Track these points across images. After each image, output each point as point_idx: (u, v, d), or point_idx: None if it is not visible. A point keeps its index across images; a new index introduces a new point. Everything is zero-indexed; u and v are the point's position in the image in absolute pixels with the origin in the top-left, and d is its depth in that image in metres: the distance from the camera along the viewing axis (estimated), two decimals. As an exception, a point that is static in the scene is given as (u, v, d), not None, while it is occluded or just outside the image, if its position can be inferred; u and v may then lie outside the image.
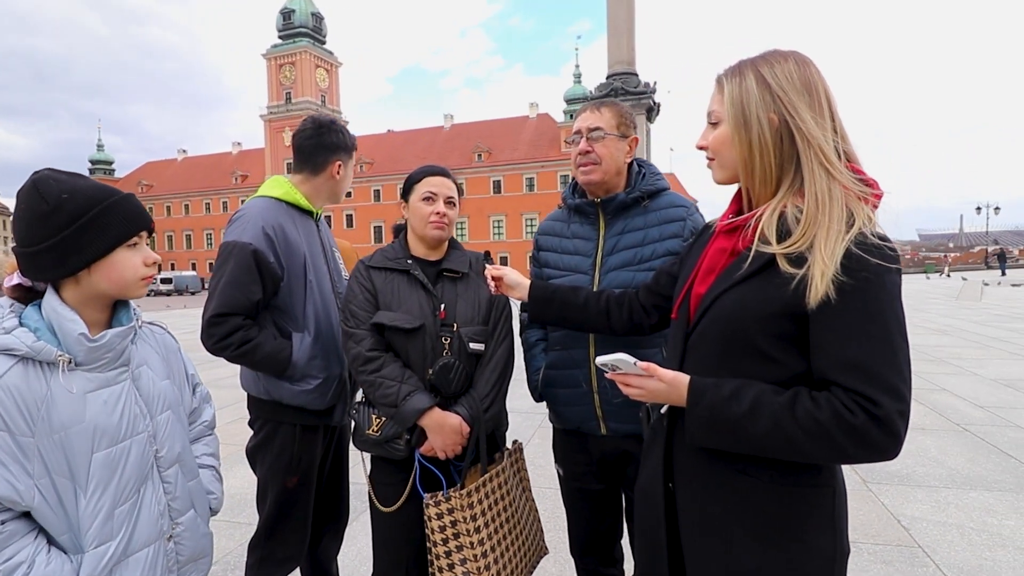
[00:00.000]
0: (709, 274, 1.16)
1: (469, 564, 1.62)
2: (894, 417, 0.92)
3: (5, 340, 1.06)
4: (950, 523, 3.13)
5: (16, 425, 1.04)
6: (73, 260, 1.11)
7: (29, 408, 1.05)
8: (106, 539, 1.13)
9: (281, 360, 1.84)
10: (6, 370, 1.05)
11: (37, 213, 1.10)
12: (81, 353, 1.12)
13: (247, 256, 1.79)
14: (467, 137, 70.11)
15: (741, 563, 1.06)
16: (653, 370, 1.10)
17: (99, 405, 1.14)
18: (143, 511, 1.20)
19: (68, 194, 1.11)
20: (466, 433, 1.70)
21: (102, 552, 1.12)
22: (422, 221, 1.78)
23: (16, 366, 1.06)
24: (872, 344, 0.94)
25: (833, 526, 1.06)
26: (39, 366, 1.09)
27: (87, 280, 1.15)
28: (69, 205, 1.10)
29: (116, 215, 1.15)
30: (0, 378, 1.04)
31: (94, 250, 1.13)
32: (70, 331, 1.11)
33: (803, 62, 1.08)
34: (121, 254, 1.16)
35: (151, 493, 1.22)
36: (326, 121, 2.04)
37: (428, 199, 1.78)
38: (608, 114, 1.75)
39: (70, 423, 1.09)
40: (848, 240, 0.96)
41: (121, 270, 1.16)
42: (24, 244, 1.11)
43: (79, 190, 1.13)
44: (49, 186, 1.11)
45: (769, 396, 1.00)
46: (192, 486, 1.34)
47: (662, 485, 1.21)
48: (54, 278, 1.14)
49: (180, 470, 1.30)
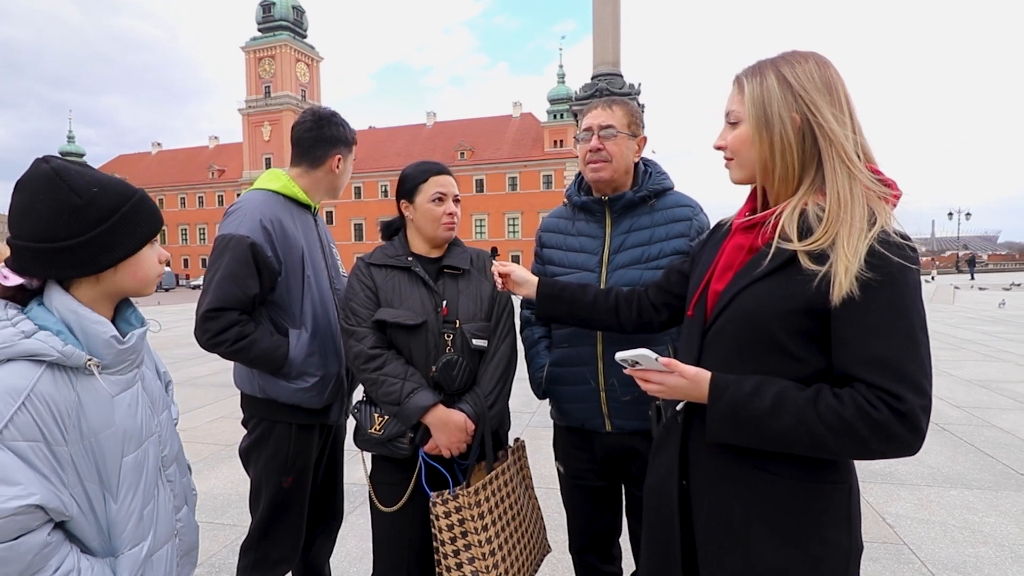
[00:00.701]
0: (727, 271, 1.15)
1: (477, 563, 1.60)
2: (917, 412, 0.93)
3: (32, 345, 0.98)
4: (933, 520, 3.20)
5: (52, 435, 0.98)
6: (104, 258, 1.06)
7: (62, 416, 1.00)
8: (139, 540, 1.13)
9: (278, 357, 1.80)
10: (37, 378, 0.98)
11: (68, 206, 1.01)
12: (109, 356, 1.07)
13: (244, 249, 1.74)
14: (450, 135, 69.86)
15: (762, 560, 1.06)
16: (674, 366, 1.09)
17: (124, 408, 1.10)
18: (161, 509, 1.19)
19: (98, 188, 1.05)
20: (471, 430, 1.68)
21: (136, 553, 1.12)
22: (434, 223, 1.75)
23: (45, 373, 0.99)
24: (895, 340, 0.95)
25: (849, 522, 1.07)
26: (65, 371, 1.02)
27: (110, 278, 1.09)
28: (102, 200, 1.04)
29: (145, 212, 1.11)
30: (33, 387, 0.97)
31: (127, 248, 1.08)
32: (99, 334, 1.05)
33: (823, 63, 1.08)
34: (146, 251, 1.13)
35: (163, 492, 1.21)
36: (326, 114, 1.99)
37: (438, 200, 1.75)
38: (620, 112, 1.74)
39: (100, 428, 1.05)
40: (871, 238, 0.97)
41: (147, 268, 1.13)
42: (41, 239, 1.01)
43: (106, 184, 1.07)
44: (75, 178, 1.03)
45: (792, 392, 1.00)
46: (184, 482, 1.34)
47: (676, 483, 1.20)
48: (74, 276, 1.06)
49: (177, 467, 1.30)
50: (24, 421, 0.95)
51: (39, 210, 1.01)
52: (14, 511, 0.91)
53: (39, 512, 0.95)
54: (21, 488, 0.93)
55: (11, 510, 0.91)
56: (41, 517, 0.96)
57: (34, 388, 0.97)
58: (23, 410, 0.95)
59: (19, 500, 0.92)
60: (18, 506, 0.92)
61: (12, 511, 0.91)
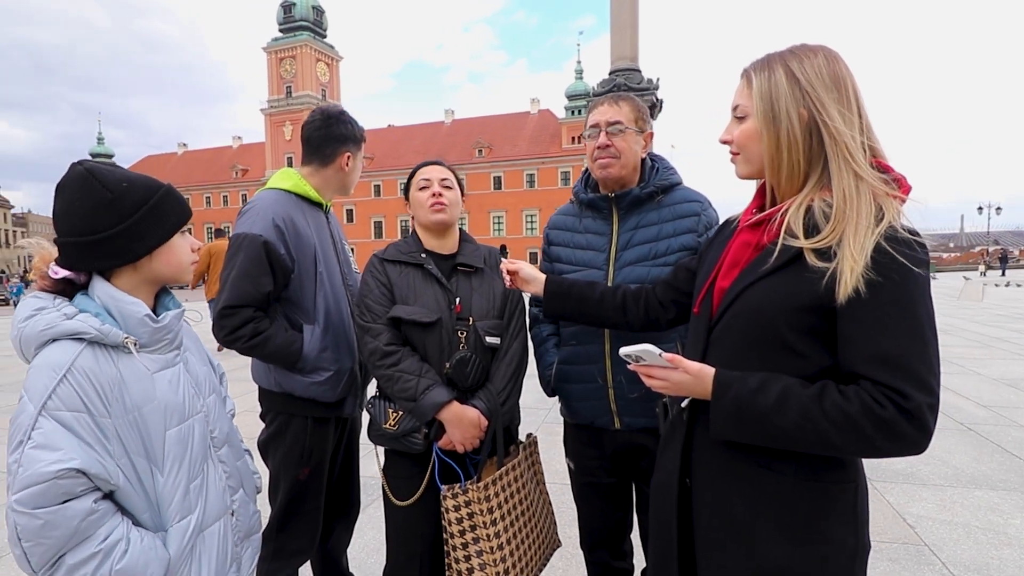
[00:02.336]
0: (733, 268, 1.15)
1: (485, 556, 1.62)
2: (924, 410, 0.92)
3: (72, 325, 1.07)
4: (956, 522, 3.13)
5: (95, 406, 1.06)
6: (138, 246, 1.15)
7: (104, 389, 1.08)
8: (187, 513, 1.18)
9: (292, 352, 1.83)
10: (77, 353, 1.07)
11: (101, 201, 1.10)
12: (145, 335, 1.16)
13: (258, 248, 1.78)
14: (468, 133, 69.97)
15: (766, 558, 1.06)
16: (678, 362, 1.09)
17: (165, 384, 1.18)
18: (210, 486, 1.25)
19: (127, 182, 1.13)
20: (484, 426, 1.70)
21: (184, 525, 1.17)
22: (423, 208, 1.80)
23: (85, 350, 1.08)
24: (902, 338, 0.94)
25: (856, 522, 1.06)
26: (106, 350, 1.11)
27: (147, 266, 1.18)
28: (131, 193, 1.13)
29: (172, 202, 1.20)
30: (74, 362, 1.06)
31: (158, 236, 1.17)
32: (133, 313, 1.14)
33: (832, 57, 1.07)
34: (177, 239, 1.21)
35: (213, 470, 1.27)
36: (335, 112, 2.02)
37: (424, 187, 1.81)
38: (627, 108, 1.73)
39: (143, 402, 1.13)
40: (878, 235, 0.95)
41: (179, 255, 1.22)
42: (82, 233, 1.11)
43: (135, 179, 1.16)
44: (106, 175, 1.12)
45: (797, 389, 0.99)
46: (239, 466, 1.39)
47: (677, 480, 1.20)
48: (113, 266, 1.15)
49: (230, 449, 1.36)
50: (67, 392, 1.04)
51: (76, 208, 1.11)
52: (55, 474, 0.99)
53: (82, 478, 1.02)
54: (62, 453, 1.00)
55: (52, 473, 0.98)
56: (85, 483, 1.02)
57: (75, 363, 1.06)
58: (65, 382, 1.04)
59: (60, 464, 0.99)
60: (58, 469, 0.99)
61: (53, 474, 0.98)
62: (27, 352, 1.10)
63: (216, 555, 1.23)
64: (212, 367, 1.42)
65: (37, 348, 1.08)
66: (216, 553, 1.23)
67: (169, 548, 1.14)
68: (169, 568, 1.12)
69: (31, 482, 0.98)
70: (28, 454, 1.00)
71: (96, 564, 1.02)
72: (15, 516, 0.99)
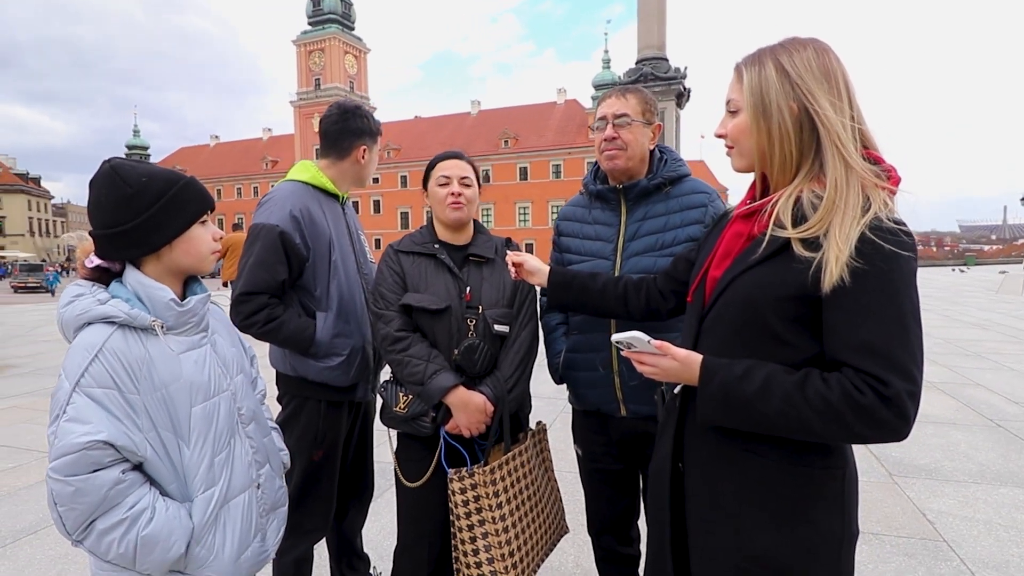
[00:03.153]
0: (725, 258, 1.17)
1: (491, 539, 1.67)
2: (903, 397, 0.93)
3: (104, 309, 1.17)
4: (978, 518, 3.08)
5: (124, 383, 1.15)
6: (156, 237, 1.23)
7: (133, 368, 1.16)
8: (211, 484, 1.26)
9: (305, 338, 1.91)
10: (108, 335, 1.16)
11: (121, 196, 1.19)
12: (171, 318, 1.24)
13: (274, 237, 1.86)
14: (494, 123, 69.83)
15: (752, 542, 1.08)
16: (666, 348, 1.12)
17: (191, 364, 1.26)
18: (236, 460, 1.33)
19: (147, 177, 1.21)
20: (490, 412, 1.75)
21: (209, 496, 1.25)
22: (440, 204, 1.84)
23: (116, 332, 1.17)
24: (884, 326, 0.95)
25: (843, 509, 1.07)
26: (136, 332, 1.20)
27: (168, 255, 1.26)
28: (150, 187, 1.21)
29: (190, 194, 1.27)
30: (105, 343, 1.15)
31: (176, 227, 1.25)
32: (160, 298, 1.22)
33: (822, 50, 1.08)
34: (196, 230, 1.28)
35: (239, 445, 1.35)
36: (351, 107, 2.09)
37: (443, 183, 1.84)
38: (634, 100, 1.75)
39: (169, 380, 1.21)
40: (863, 225, 0.97)
41: (198, 245, 1.29)
42: (108, 226, 1.20)
43: (156, 174, 1.23)
44: (128, 171, 1.21)
45: (781, 376, 1.02)
46: (266, 442, 1.48)
47: (670, 465, 1.23)
48: (137, 256, 1.24)
49: (257, 426, 1.44)
50: (98, 371, 1.13)
51: (103, 202, 1.21)
52: (85, 445, 1.08)
53: (109, 449, 1.11)
54: (92, 426, 1.10)
55: (82, 444, 1.08)
56: (113, 455, 1.12)
57: (106, 344, 1.15)
58: (97, 362, 1.13)
59: (89, 436, 1.08)
60: (88, 441, 1.08)
61: (83, 445, 1.08)
62: (67, 334, 1.20)
63: (240, 525, 1.31)
64: (243, 349, 1.50)
65: (75, 331, 1.19)
66: (240, 523, 1.31)
67: (193, 517, 1.22)
68: (193, 536, 1.21)
69: (64, 452, 1.08)
70: (63, 427, 1.09)
71: (124, 530, 1.11)
72: (51, 483, 1.09)
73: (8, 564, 2.77)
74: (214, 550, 1.25)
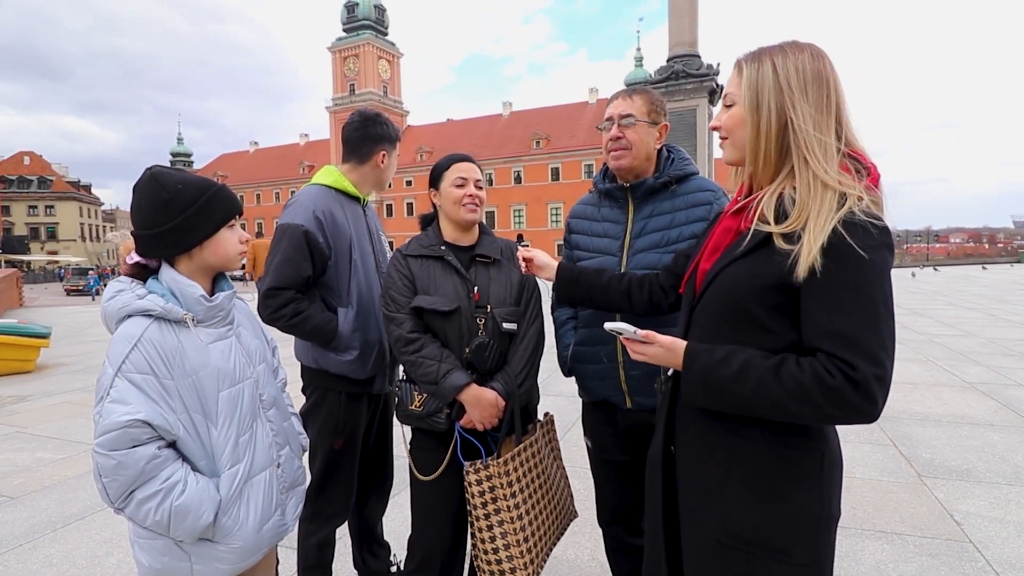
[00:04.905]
0: (714, 252, 1.23)
1: (507, 526, 1.74)
2: (870, 380, 0.98)
3: (142, 304, 1.31)
4: (1008, 520, 3.01)
5: (159, 370, 1.29)
6: (188, 238, 1.37)
7: (167, 356, 1.30)
8: (236, 462, 1.39)
9: (329, 331, 2.02)
10: (146, 327, 1.30)
11: (159, 200, 1.33)
12: (201, 312, 1.38)
13: (299, 236, 1.98)
14: (525, 124, 69.91)
15: (734, 519, 1.14)
16: (652, 337, 1.20)
17: (218, 354, 1.40)
18: (258, 441, 1.46)
19: (182, 184, 1.35)
20: (502, 406, 1.82)
21: (234, 472, 1.38)
22: (455, 204, 1.89)
23: (153, 324, 1.31)
24: (854, 314, 1.00)
25: (821, 489, 1.12)
26: (170, 324, 1.33)
27: (199, 255, 1.40)
28: (184, 193, 1.35)
29: (219, 201, 1.40)
30: (143, 334, 1.28)
31: (206, 230, 1.38)
32: (191, 294, 1.36)
33: (818, 55, 1.13)
34: (224, 233, 1.42)
35: (261, 428, 1.49)
36: (371, 114, 2.20)
37: (459, 184, 1.90)
38: (639, 101, 1.81)
39: (199, 368, 1.35)
40: (836, 220, 1.02)
41: (226, 246, 1.43)
42: (147, 227, 1.34)
43: (189, 181, 1.37)
44: (166, 178, 1.34)
45: (757, 360, 1.07)
46: (286, 426, 1.60)
47: (661, 447, 1.30)
48: (171, 255, 1.38)
49: (277, 411, 1.57)
50: (137, 358, 1.26)
51: (143, 206, 1.34)
52: (126, 423, 1.21)
53: (147, 428, 1.24)
54: (132, 407, 1.23)
55: (123, 423, 1.21)
56: (150, 433, 1.25)
57: (144, 334, 1.29)
58: (136, 350, 1.27)
59: (129, 415, 1.22)
60: (129, 419, 1.22)
61: (124, 423, 1.21)
62: (110, 325, 1.35)
63: (262, 500, 1.44)
64: (265, 341, 1.63)
65: (116, 323, 1.33)
66: (262, 498, 1.44)
67: (221, 491, 1.35)
68: (220, 507, 1.34)
69: (107, 429, 1.21)
70: (106, 407, 1.23)
71: (160, 500, 1.25)
72: (96, 456, 1.23)
73: (59, 547, 2.98)
74: (239, 521, 1.37)
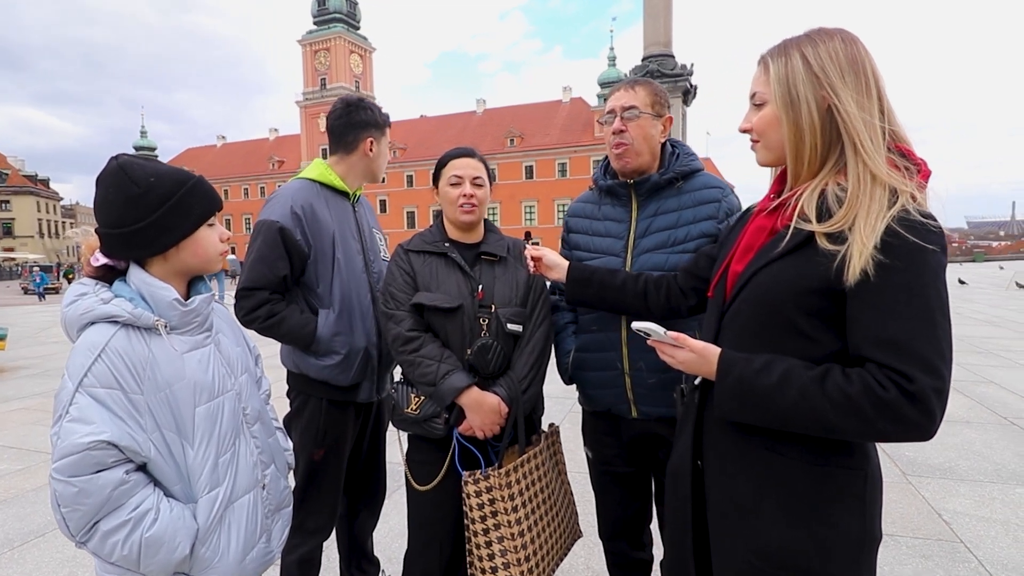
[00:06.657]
0: (747, 252, 1.14)
1: (506, 543, 1.64)
2: (929, 394, 0.89)
3: (107, 309, 1.15)
4: (995, 519, 3.03)
5: (127, 383, 1.13)
6: (163, 239, 1.20)
7: (136, 368, 1.14)
8: (215, 485, 1.24)
9: (306, 334, 1.90)
10: (111, 335, 1.14)
11: (128, 195, 1.16)
12: (175, 317, 1.22)
13: (274, 233, 1.85)
14: (499, 122, 69.70)
15: (769, 540, 1.05)
16: (683, 340, 1.11)
17: (195, 364, 1.24)
18: (241, 461, 1.31)
19: (155, 177, 1.18)
20: (504, 413, 1.71)
21: (213, 497, 1.23)
22: (452, 205, 1.79)
23: (119, 332, 1.15)
24: (910, 322, 0.92)
25: (863, 510, 1.04)
26: (139, 332, 1.18)
27: (175, 257, 1.24)
28: (158, 187, 1.18)
29: (198, 196, 1.24)
30: (108, 343, 1.13)
31: (183, 230, 1.22)
32: (163, 298, 1.20)
33: (850, 40, 1.05)
34: (204, 231, 1.25)
35: (244, 445, 1.33)
36: (354, 100, 2.06)
37: (455, 183, 1.79)
38: (643, 92, 1.71)
39: (173, 380, 1.19)
40: (889, 218, 0.94)
41: (205, 246, 1.27)
42: (114, 226, 1.17)
43: (163, 173, 1.21)
44: (135, 170, 1.18)
45: (799, 370, 0.99)
46: (271, 442, 1.45)
47: (690, 462, 1.21)
48: (143, 256, 1.21)
49: (262, 426, 1.42)
50: (101, 371, 1.11)
51: (110, 200, 1.18)
52: (87, 446, 1.06)
53: (112, 450, 1.09)
54: (95, 427, 1.08)
55: (84, 445, 1.06)
56: (116, 455, 1.09)
57: (109, 343, 1.13)
58: (100, 361, 1.11)
59: (91, 436, 1.06)
60: (90, 441, 1.06)
61: (85, 446, 1.06)
62: (71, 333, 1.18)
63: (245, 526, 1.29)
64: (248, 349, 1.48)
65: (78, 330, 1.16)
66: (246, 524, 1.29)
67: (198, 518, 1.20)
68: (198, 537, 1.19)
69: (67, 452, 1.06)
70: (65, 427, 1.07)
71: (127, 531, 1.09)
72: (54, 483, 1.07)
73: (16, 567, 2.76)
74: (219, 551, 1.23)
